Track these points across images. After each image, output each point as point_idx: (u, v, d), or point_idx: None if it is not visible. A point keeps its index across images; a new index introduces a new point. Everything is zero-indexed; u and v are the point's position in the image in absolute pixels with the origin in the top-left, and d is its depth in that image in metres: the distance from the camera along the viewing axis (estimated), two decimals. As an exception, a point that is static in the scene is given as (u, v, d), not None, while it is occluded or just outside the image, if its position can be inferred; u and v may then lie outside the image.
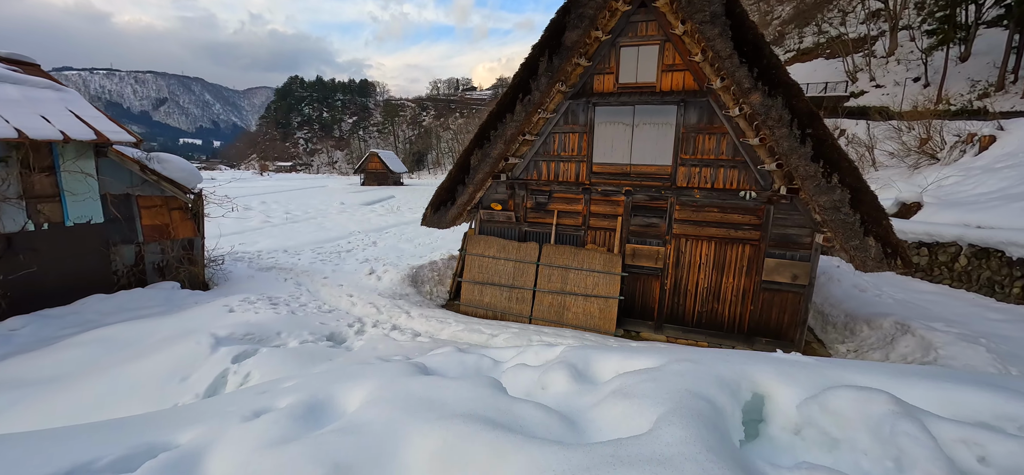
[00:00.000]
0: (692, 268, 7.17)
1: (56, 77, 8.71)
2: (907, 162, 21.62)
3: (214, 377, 3.61)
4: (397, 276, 8.53)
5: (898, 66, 38.65)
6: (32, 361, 4.37)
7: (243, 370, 3.72)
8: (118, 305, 6.80)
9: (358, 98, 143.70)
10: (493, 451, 1.58)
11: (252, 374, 3.63)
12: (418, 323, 5.91)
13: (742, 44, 5.76)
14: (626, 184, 7.21)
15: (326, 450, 1.70)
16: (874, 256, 5.96)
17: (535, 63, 6.65)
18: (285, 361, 3.78)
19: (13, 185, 6.56)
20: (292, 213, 24.50)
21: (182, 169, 8.41)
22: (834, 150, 5.81)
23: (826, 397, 1.78)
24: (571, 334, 5.82)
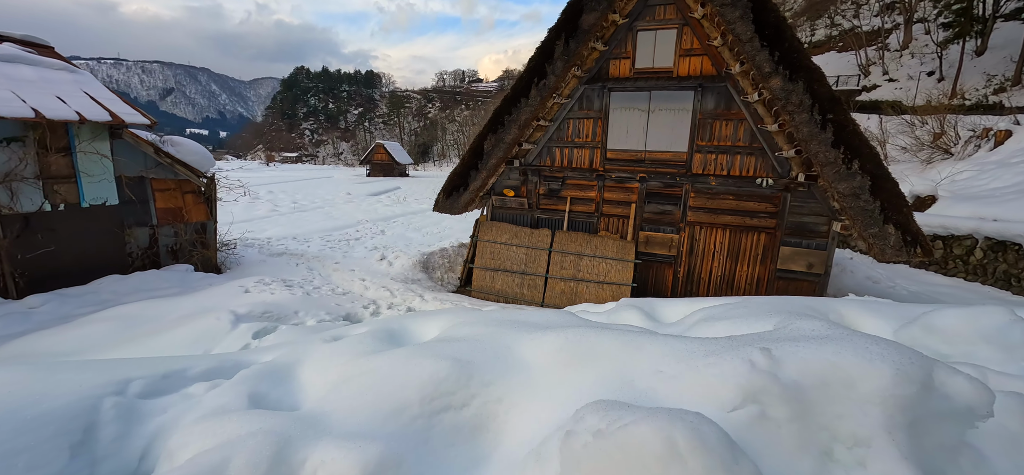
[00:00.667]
0: (706, 256, 7.12)
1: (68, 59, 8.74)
2: (920, 157, 21.31)
3: (236, 351, 3.63)
4: (408, 262, 8.54)
5: (912, 60, 38.00)
6: (55, 336, 4.42)
7: (264, 346, 3.73)
8: (134, 286, 6.86)
9: (364, 89, 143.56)
10: (622, 344, 1.67)
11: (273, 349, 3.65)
12: (432, 306, 5.92)
13: (763, 27, 5.67)
14: (640, 171, 7.15)
15: (437, 352, 1.82)
16: (893, 244, 5.89)
17: (551, 47, 6.58)
18: (305, 335, 3.79)
19: (30, 165, 6.61)
20: (299, 202, 24.59)
21: (195, 153, 8.44)
22: (855, 136, 5.72)
23: (928, 319, 1.78)
24: None
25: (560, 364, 1.85)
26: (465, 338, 1.97)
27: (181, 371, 2.00)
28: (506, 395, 1.82)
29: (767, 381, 1.42)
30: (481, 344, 1.91)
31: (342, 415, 1.74)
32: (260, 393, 1.98)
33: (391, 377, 1.87)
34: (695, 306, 2.47)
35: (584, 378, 1.77)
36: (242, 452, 1.48)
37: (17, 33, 8.40)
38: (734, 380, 1.49)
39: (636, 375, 1.74)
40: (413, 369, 1.87)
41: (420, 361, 1.85)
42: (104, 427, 1.79)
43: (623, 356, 1.77)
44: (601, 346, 1.81)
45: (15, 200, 6.44)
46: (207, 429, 1.67)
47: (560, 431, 1.47)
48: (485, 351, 1.85)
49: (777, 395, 1.39)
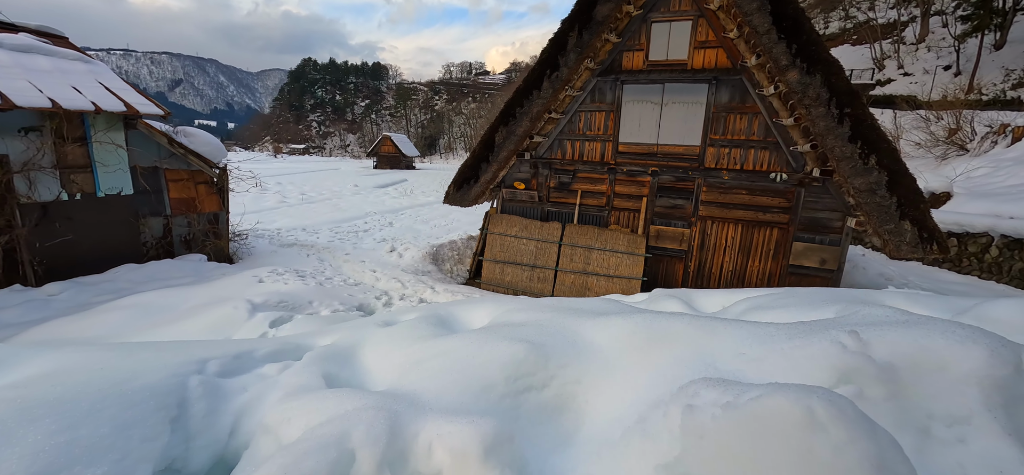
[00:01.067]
0: (717, 251, 7.07)
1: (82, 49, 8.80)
2: (934, 153, 20.96)
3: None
4: (418, 254, 8.57)
5: (928, 53, 37.24)
6: (75, 323, 4.50)
7: (281, 335, 3.78)
8: (149, 275, 6.95)
9: (371, 81, 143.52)
10: (696, 328, 1.75)
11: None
12: (444, 297, 5.95)
13: (781, 18, 5.57)
14: (652, 164, 7.10)
15: (509, 336, 1.90)
16: (909, 241, 5.82)
17: (564, 38, 6.52)
18: (322, 326, 3.83)
19: (48, 155, 6.69)
20: (307, 194, 24.74)
21: (208, 143, 8.50)
22: (873, 130, 5.63)
23: (982, 310, 1.82)
24: None
25: (633, 347, 1.92)
26: (527, 323, 2.04)
27: (250, 352, 2.09)
28: (583, 377, 1.88)
29: (861, 362, 1.49)
30: (547, 329, 1.98)
31: (432, 394, 1.79)
32: (331, 374, 2.06)
33: (471, 358, 1.92)
34: (734, 297, 2.51)
35: (662, 360, 1.83)
36: (359, 425, 1.54)
37: (32, 23, 8.47)
38: (827, 361, 1.54)
39: (717, 357, 1.80)
40: (491, 351, 1.94)
41: (496, 343, 1.92)
42: (194, 403, 1.86)
43: (699, 339, 1.83)
44: (673, 330, 1.89)
45: (33, 189, 6.53)
46: (308, 405, 1.72)
47: (660, 408, 1.54)
48: (554, 335, 1.92)
49: (873, 375, 1.46)
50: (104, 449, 1.49)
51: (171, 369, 1.91)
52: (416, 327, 2.13)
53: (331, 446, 1.46)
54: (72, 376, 1.73)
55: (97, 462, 1.44)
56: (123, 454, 1.52)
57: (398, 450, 1.50)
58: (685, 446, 1.36)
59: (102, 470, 1.43)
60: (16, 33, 7.72)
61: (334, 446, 1.46)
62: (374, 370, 2.04)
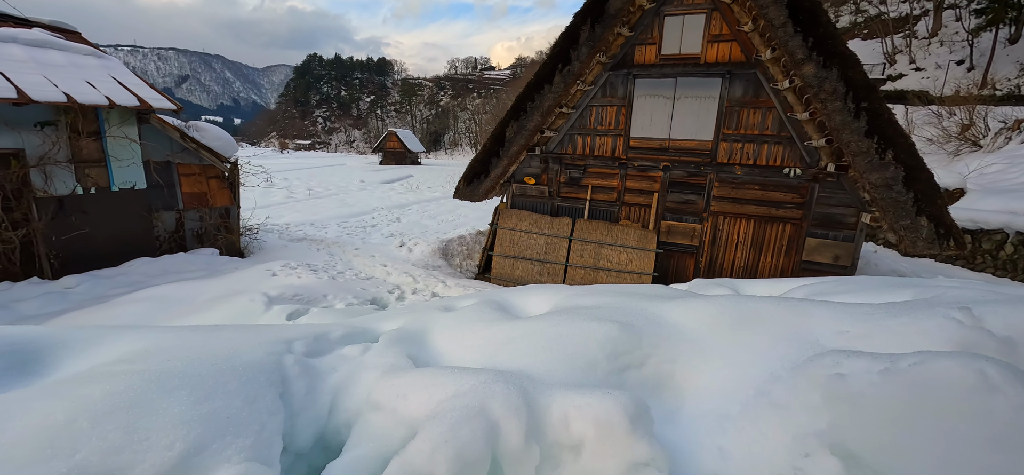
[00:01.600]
0: (729, 246, 7.03)
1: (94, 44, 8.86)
2: (946, 149, 20.66)
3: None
4: (428, 248, 8.59)
5: (941, 48, 36.67)
6: (95, 315, 4.56)
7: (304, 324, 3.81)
8: (162, 268, 7.02)
9: (376, 77, 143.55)
10: (786, 309, 1.84)
11: (308, 330, 3.73)
12: (456, 292, 5.96)
13: (797, 11, 5.50)
14: (664, 159, 7.06)
15: (597, 316, 1.94)
16: (925, 237, 5.75)
17: (576, 32, 6.48)
18: (338, 318, 3.86)
19: (63, 149, 6.76)
20: (314, 189, 24.86)
21: (219, 138, 8.55)
22: (890, 125, 5.56)
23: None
24: None
25: (723, 328, 1.97)
26: (602, 306, 2.08)
27: (325, 334, 2.14)
28: (677, 356, 1.93)
29: (981, 337, 1.54)
30: (626, 311, 2.03)
31: (539, 370, 1.81)
32: (414, 355, 2.09)
33: (564, 337, 1.95)
34: (782, 285, 2.54)
35: (758, 340, 1.88)
36: (494, 398, 1.55)
37: (46, 19, 8.53)
38: (945, 335, 1.59)
39: (818, 335, 1.85)
40: (584, 330, 1.97)
41: (585, 323, 1.96)
42: (294, 381, 1.87)
43: (791, 319, 1.88)
44: (763, 311, 1.93)
45: (49, 183, 6.61)
46: (421, 382, 1.73)
47: (781, 382, 1.60)
48: (636, 316, 1.97)
49: (994, 350, 1.50)
50: (244, 421, 1.50)
51: (265, 348, 1.92)
52: (480, 311, 2.15)
53: (476, 416, 1.47)
54: (176, 352, 1.74)
55: (243, 433, 1.45)
56: (261, 426, 1.53)
57: (535, 421, 1.51)
58: (836, 413, 1.40)
59: (249, 441, 1.44)
60: (30, 28, 7.77)
61: (478, 416, 1.47)
62: (454, 351, 2.07)
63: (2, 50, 6.81)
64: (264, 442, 1.50)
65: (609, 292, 2.35)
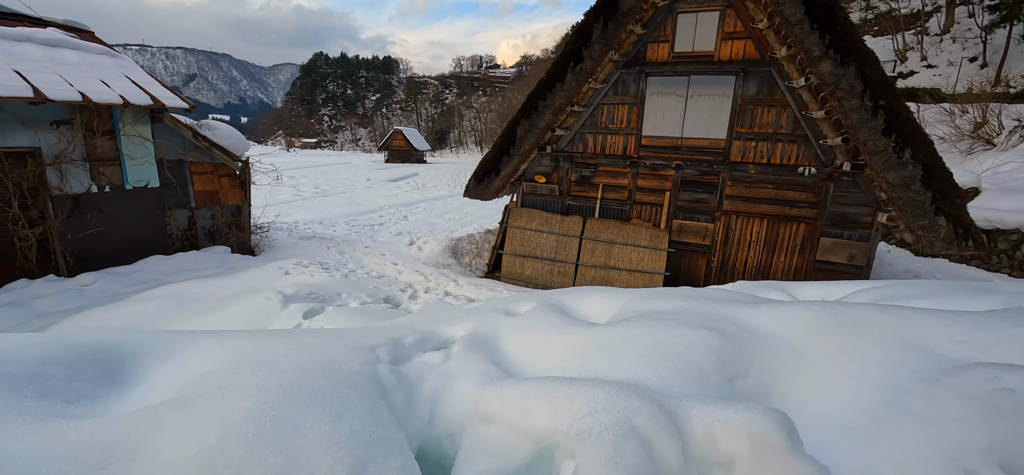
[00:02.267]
0: (741, 246, 6.97)
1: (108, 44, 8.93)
2: (959, 147, 20.37)
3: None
4: (437, 247, 8.60)
5: (953, 45, 36.12)
6: (111, 313, 4.60)
7: (314, 326, 3.82)
8: (176, 266, 7.08)
9: (381, 75, 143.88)
10: (890, 317, 1.92)
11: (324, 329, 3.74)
12: (468, 290, 5.96)
13: (814, 8, 5.43)
14: (676, 158, 7.01)
15: (690, 323, 1.91)
16: (944, 237, 5.66)
17: (589, 29, 6.44)
18: (353, 319, 3.86)
19: (78, 148, 6.82)
20: (321, 188, 24.98)
21: (231, 136, 8.60)
22: (909, 123, 5.48)
23: None
24: None
25: (825, 336, 1.88)
26: (681, 311, 2.01)
27: (400, 341, 2.06)
28: (780, 365, 1.85)
29: None
30: (713, 317, 1.96)
31: (654, 381, 1.72)
32: (496, 361, 2.01)
33: (662, 345, 1.86)
34: (840, 289, 2.48)
35: (868, 349, 1.79)
36: (638, 413, 1.48)
37: (60, 18, 8.61)
38: None
39: (933, 345, 1.77)
40: (681, 337, 1.88)
41: (682, 330, 1.87)
42: (393, 392, 1.80)
43: (898, 328, 1.83)
44: (864, 319, 1.88)
45: (65, 181, 6.67)
46: (539, 393, 1.65)
47: (915, 394, 1.56)
48: (725, 323, 1.90)
49: None
50: (385, 440, 1.42)
51: (359, 356, 1.85)
52: (547, 316, 2.11)
53: (630, 434, 1.40)
54: (279, 363, 1.65)
55: (390, 454, 1.37)
56: (398, 444, 1.45)
57: (683, 438, 1.45)
58: (1003, 429, 1.35)
59: (398, 462, 1.36)
60: (45, 28, 7.84)
61: (632, 434, 1.40)
62: (536, 359, 1.99)
63: (18, 49, 6.87)
64: (408, 461, 1.42)
65: (680, 296, 2.27)
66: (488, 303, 2.45)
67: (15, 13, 8.08)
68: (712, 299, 2.19)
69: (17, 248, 6.34)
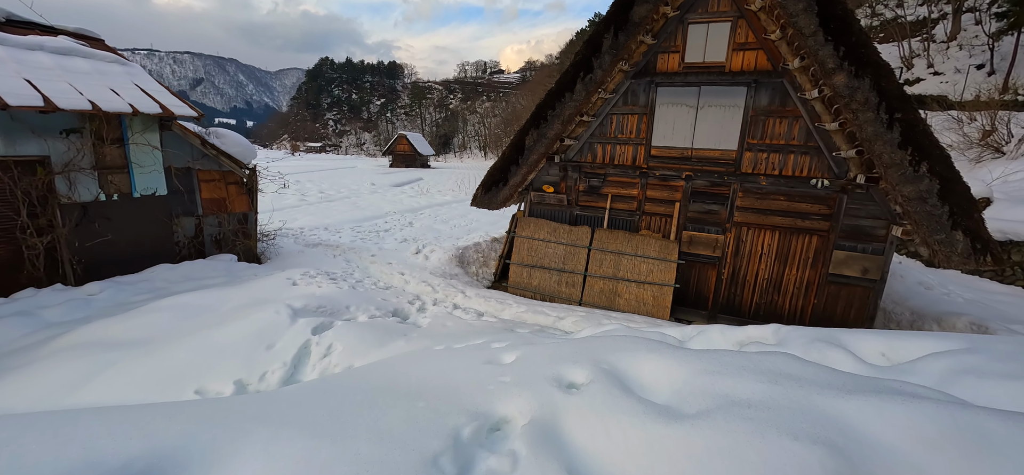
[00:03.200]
0: (752, 258, 6.88)
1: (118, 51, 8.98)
2: (968, 155, 20.22)
3: (298, 347, 3.67)
4: (444, 256, 8.55)
5: (960, 52, 35.95)
6: (118, 324, 4.57)
7: (324, 342, 3.77)
8: (183, 274, 7.06)
9: (386, 80, 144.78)
10: None
11: (334, 346, 3.68)
12: (476, 302, 5.90)
13: (828, 20, 5.37)
14: (686, 169, 6.94)
15: (774, 425, 1.59)
16: (961, 252, 5.56)
17: (599, 39, 6.40)
18: (363, 335, 3.81)
19: (87, 156, 6.83)
20: (326, 193, 25.04)
21: (238, 144, 8.61)
22: (925, 136, 5.39)
23: None
24: (642, 319, 5.66)
25: (949, 454, 1.43)
26: (769, 405, 1.68)
27: (457, 437, 1.79)
28: None
29: None
30: (809, 415, 1.57)
31: None
32: (573, 469, 1.69)
33: (771, 465, 1.51)
34: (899, 344, 2.26)
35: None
36: None
37: (70, 26, 8.66)
38: None
39: None
40: (792, 456, 1.53)
41: (788, 443, 1.50)
42: None
43: None
44: (994, 434, 1.40)
45: (73, 189, 6.67)
46: None
47: None
48: (828, 428, 1.57)
49: None
50: None
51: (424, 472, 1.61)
52: (609, 392, 1.88)
53: None
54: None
55: None
56: None
57: None
58: None
59: None
60: (56, 36, 7.89)
61: None
62: (616, 461, 1.65)
63: (29, 58, 6.90)
64: None
65: (750, 370, 1.89)
66: (532, 358, 2.20)
67: (27, 21, 8.15)
68: (792, 378, 1.83)
69: (25, 256, 6.34)
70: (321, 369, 3.43)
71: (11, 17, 7.89)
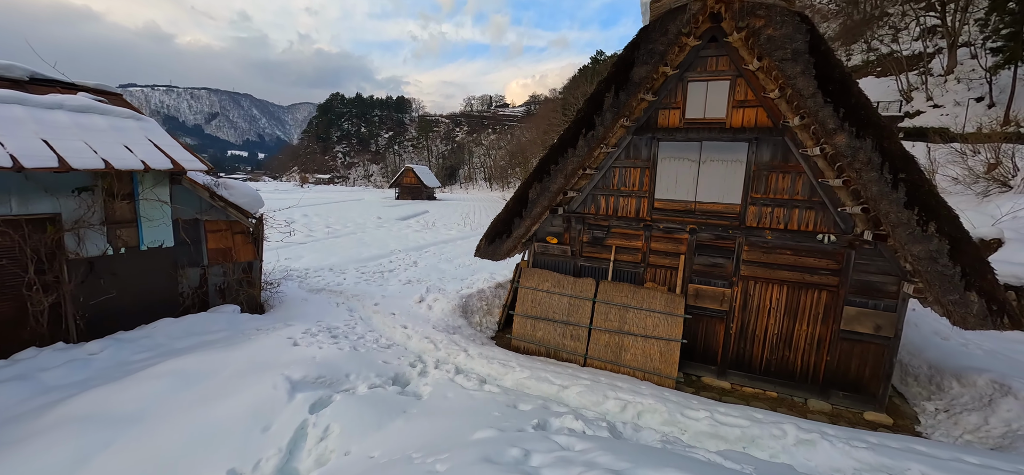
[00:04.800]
0: (761, 312, 6.74)
1: (135, 105, 9.27)
2: (974, 189, 20.10)
3: (294, 429, 3.58)
4: (448, 306, 8.48)
5: (958, 85, 36.35)
6: (115, 394, 4.50)
7: (322, 422, 3.67)
8: (185, 329, 7.03)
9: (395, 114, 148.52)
10: None
11: (331, 427, 3.58)
12: (479, 364, 5.78)
13: (827, 82, 5.43)
14: (690, 222, 6.91)
15: None
16: (977, 313, 5.41)
17: (600, 98, 6.52)
18: (362, 413, 3.71)
19: (98, 212, 6.94)
20: (333, 228, 25.26)
21: (247, 194, 8.73)
22: (932, 196, 5.34)
23: None
24: (649, 390, 5.47)
25: None
26: None
27: None
28: None
29: None
30: None
31: None
32: None
33: None
34: None
35: None
36: None
37: (91, 82, 8.98)
38: None
39: None
40: None
41: None
42: None
43: None
44: None
45: (81, 245, 6.75)
46: None
47: None
48: None
49: None
50: None
51: None
52: None
53: None
54: None
55: None
56: None
57: None
58: None
59: None
60: (76, 93, 8.16)
61: None
62: None
63: (49, 117, 7.10)
64: None
65: None
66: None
67: (50, 79, 8.44)
68: None
69: (30, 313, 6.35)
70: (317, 455, 3.32)
71: (35, 76, 8.19)
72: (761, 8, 5.49)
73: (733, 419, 4.60)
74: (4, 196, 6.10)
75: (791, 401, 6.57)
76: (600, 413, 4.52)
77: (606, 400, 4.65)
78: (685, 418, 4.46)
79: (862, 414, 6.27)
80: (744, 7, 5.58)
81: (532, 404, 4.31)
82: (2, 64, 7.79)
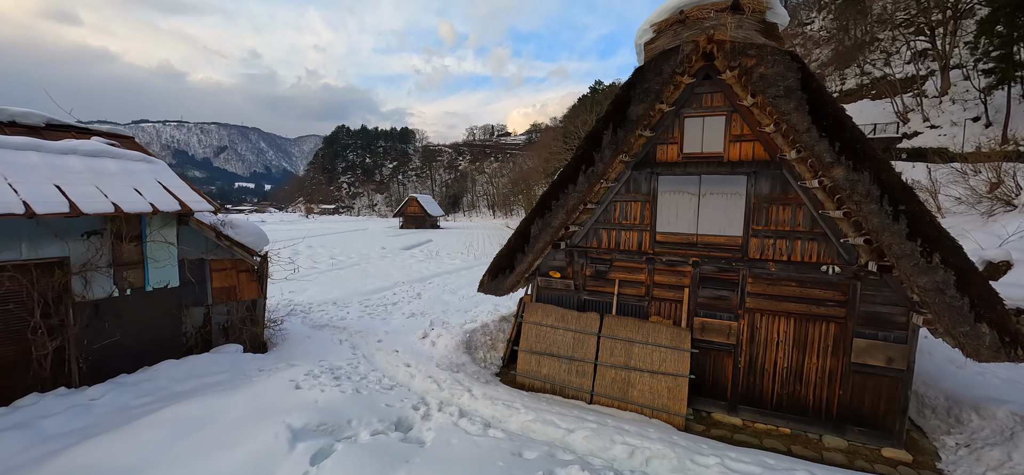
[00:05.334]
0: (769, 345, 6.64)
1: (144, 146, 9.51)
2: (978, 209, 20.01)
3: None
4: (451, 342, 8.41)
5: (953, 105, 36.76)
6: (113, 444, 4.44)
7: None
8: (187, 371, 6.99)
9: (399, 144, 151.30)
10: None
11: (332, 481, 3.51)
12: (483, 406, 5.68)
13: (821, 117, 5.51)
14: (693, 255, 6.90)
15: None
16: (989, 345, 5.31)
17: (599, 135, 6.63)
18: (363, 463, 3.63)
19: (105, 255, 7.02)
20: (337, 258, 25.35)
21: (252, 233, 8.83)
22: (934, 228, 5.33)
23: None
24: (657, 433, 5.33)
25: None
26: None
27: None
28: None
29: None
30: None
31: None
32: None
33: None
34: None
35: None
36: None
37: (104, 127, 9.25)
38: None
39: None
40: None
41: None
42: None
43: None
44: None
45: (88, 288, 6.80)
46: None
47: None
48: None
49: None
50: None
51: None
52: None
53: None
54: None
55: None
56: None
57: None
58: None
59: None
60: (89, 138, 8.39)
61: None
62: None
63: (62, 162, 7.28)
64: None
65: None
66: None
67: (65, 124, 8.69)
68: None
69: (33, 357, 6.35)
70: (317, 510, 3.25)
71: (51, 121, 8.44)
72: (752, 48, 5.65)
73: (744, 465, 4.47)
74: (15, 241, 6.20)
75: (805, 438, 6.39)
76: (607, 460, 4.40)
77: (613, 445, 4.53)
78: (695, 465, 4.33)
79: (880, 450, 6.08)
80: (735, 47, 5.73)
81: (537, 451, 4.20)
82: (21, 111, 8.06)
